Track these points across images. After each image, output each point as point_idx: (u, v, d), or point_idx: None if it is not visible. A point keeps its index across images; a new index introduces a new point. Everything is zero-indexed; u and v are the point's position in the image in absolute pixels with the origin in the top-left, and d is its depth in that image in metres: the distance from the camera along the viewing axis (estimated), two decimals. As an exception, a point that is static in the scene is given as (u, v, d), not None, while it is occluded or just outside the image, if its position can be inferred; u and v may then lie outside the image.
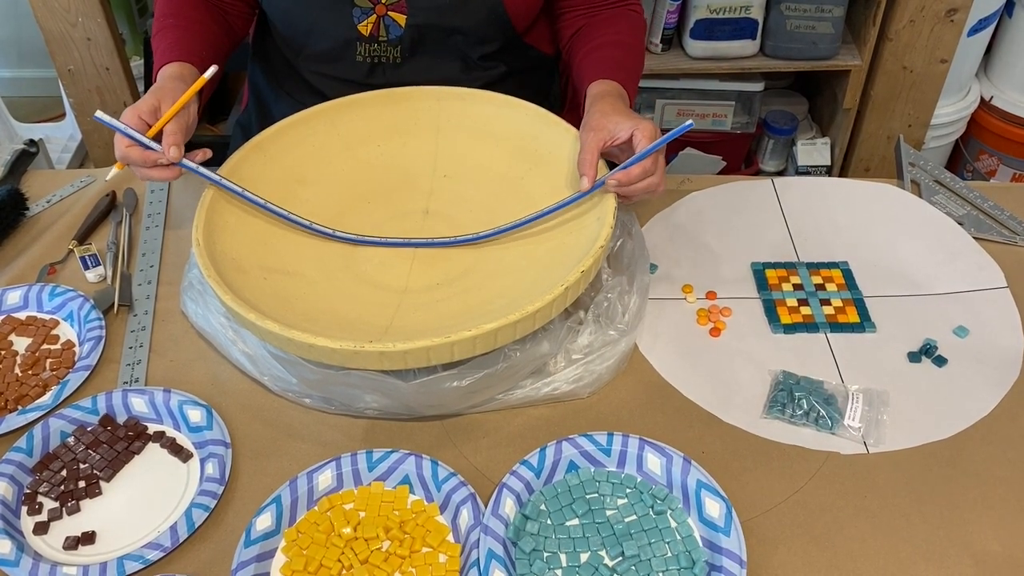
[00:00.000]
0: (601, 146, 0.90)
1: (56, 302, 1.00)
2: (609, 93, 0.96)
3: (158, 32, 1.01)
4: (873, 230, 1.08)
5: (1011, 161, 2.04)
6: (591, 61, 1.03)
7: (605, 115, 0.91)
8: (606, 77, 0.99)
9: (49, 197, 1.16)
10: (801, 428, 0.86)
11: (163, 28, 1.01)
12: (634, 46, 1.07)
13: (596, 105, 0.94)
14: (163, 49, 0.98)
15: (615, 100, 0.95)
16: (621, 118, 0.90)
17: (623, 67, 1.02)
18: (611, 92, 0.96)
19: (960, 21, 1.67)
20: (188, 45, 0.99)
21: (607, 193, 0.89)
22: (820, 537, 0.78)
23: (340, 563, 0.75)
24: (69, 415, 0.87)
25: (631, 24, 1.08)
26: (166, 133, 0.88)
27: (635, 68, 1.06)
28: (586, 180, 0.89)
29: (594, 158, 0.90)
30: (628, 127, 0.89)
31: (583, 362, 0.89)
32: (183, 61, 0.96)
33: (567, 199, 0.91)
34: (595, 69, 1.01)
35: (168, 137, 0.88)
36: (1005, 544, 0.77)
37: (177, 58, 0.96)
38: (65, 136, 2.07)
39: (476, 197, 1.00)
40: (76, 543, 0.78)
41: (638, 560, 0.75)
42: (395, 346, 0.76)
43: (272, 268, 0.91)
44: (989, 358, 0.92)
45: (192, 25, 1.02)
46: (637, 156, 0.86)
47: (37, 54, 2.37)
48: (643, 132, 0.87)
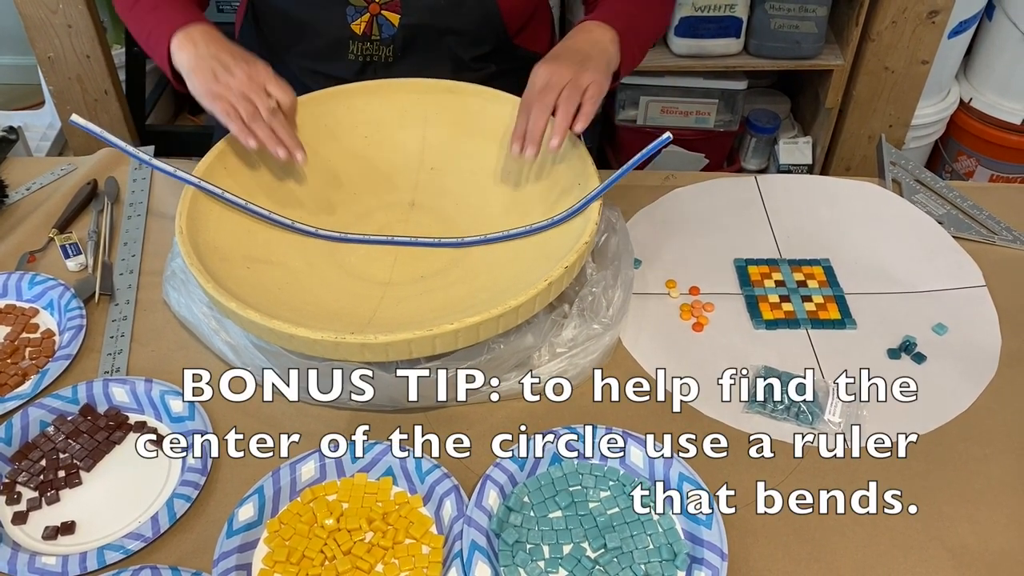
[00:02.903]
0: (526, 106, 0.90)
1: (36, 291, 0.99)
2: (573, 35, 0.94)
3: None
4: (855, 228, 1.09)
5: (988, 162, 2.07)
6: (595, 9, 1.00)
7: (541, 63, 0.91)
8: (594, 18, 0.96)
9: (29, 185, 1.15)
10: (782, 422, 0.87)
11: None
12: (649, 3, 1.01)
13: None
14: (174, 14, 0.95)
15: (568, 42, 0.93)
16: (543, 65, 0.90)
17: (621, 13, 0.97)
18: (577, 33, 0.94)
19: (941, 23, 1.68)
20: (187, 6, 0.97)
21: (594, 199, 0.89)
22: (800, 530, 0.78)
23: (323, 554, 0.75)
24: (49, 404, 0.87)
25: None
26: (288, 134, 0.91)
27: (640, 17, 0.99)
28: (515, 147, 0.90)
29: (521, 122, 0.90)
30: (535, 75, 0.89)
31: (567, 355, 0.89)
32: (199, 22, 0.95)
33: (557, 217, 0.91)
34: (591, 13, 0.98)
35: (292, 140, 0.91)
36: (981, 537, 0.78)
37: (196, 19, 0.94)
38: (44, 124, 2.05)
39: (462, 190, 1.00)
40: (56, 533, 0.78)
41: (620, 552, 0.75)
42: (376, 338, 0.76)
43: (255, 258, 0.90)
44: (967, 355, 0.94)
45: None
46: (623, 169, 0.88)
47: (15, 41, 2.34)
48: (535, 75, 0.89)
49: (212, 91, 0.90)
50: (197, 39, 0.93)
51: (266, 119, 0.90)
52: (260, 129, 0.89)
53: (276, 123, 0.90)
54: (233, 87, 0.90)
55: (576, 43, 0.93)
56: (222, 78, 0.90)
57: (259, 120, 0.89)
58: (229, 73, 0.90)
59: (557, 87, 0.88)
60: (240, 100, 0.89)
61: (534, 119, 0.88)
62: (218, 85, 0.90)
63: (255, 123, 0.89)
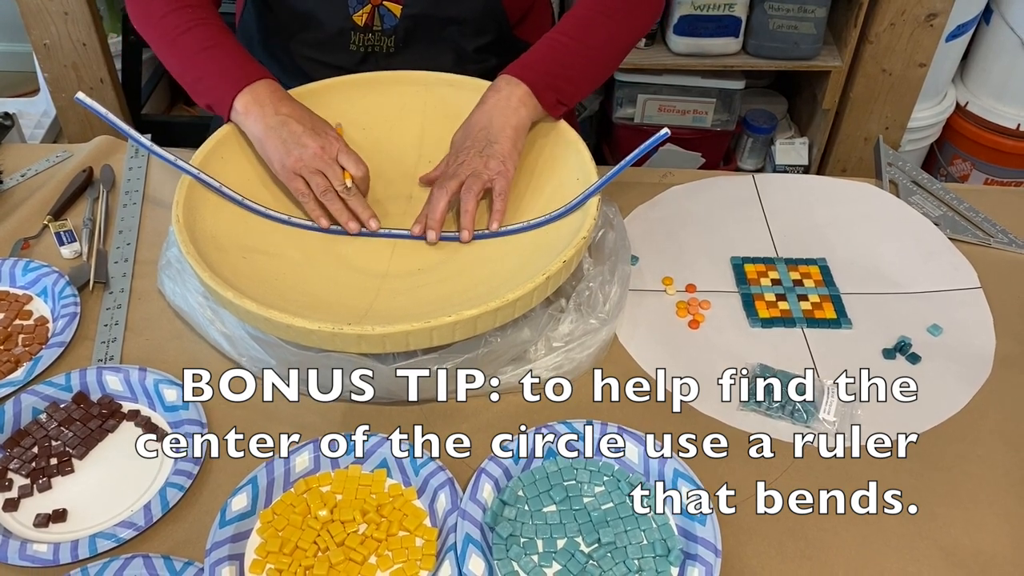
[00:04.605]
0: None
1: (30, 277, 0.98)
2: (485, 98, 0.93)
3: (191, 29, 0.94)
4: (851, 228, 1.09)
5: (983, 166, 2.08)
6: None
7: (462, 132, 0.93)
8: (509, 71, 0.93)
9: (24, 171, 1.14)
10: (777, 420, 0.87)
11: (200, 25, 0.94)
12: (584, 47, 0.94)
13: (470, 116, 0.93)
14: (229, 62, 0.93)
15: (478, 114, 0.92)
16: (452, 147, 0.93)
17: (540, 60, 0.94)
18: (489, 96, 0.93)
19: (939, 26, 1.69)
20: (243, 54, 0.95)
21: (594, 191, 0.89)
22: (794, 528, 0.78)
23: (316, 545, 0.75)
24: (42, 391, 0.86)
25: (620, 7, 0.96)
26: (362, 206, 0.93)
27: (571, 71, 0.94)
28: (416, 228, 0.93)
29: (425, 207, 0.92)
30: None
31: (563, 350, 0.89)
32: (264, 78, 0.93)
33: (555, 212, 0.91)
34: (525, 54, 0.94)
35: (365, 211, 0.93)
36: (973, 538, 0.78)
37: (259, 74, 0.93)
38: (38, 112, 2.03)
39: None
40: (47, 520, 0.77)
41: (614, 547, 0.75)
42: (374, 329, 0.76)
43: (252, 248, 0.90)
44: (961, 357, 0.94)
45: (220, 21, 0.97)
46: (621, 165, 0.89)
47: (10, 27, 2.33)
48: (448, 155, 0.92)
49: (286, 166, 0.90)
50: (264, 100, 0.91)
51: (340, 194, 0.91)
52: (332, 203, 0.91)
53: (350, 197, 0.92)
54: (306, 160, 0.90)
55: (484, 117, 0.92)
56: (294, 152, 0.90)
57: (331, 194, 0.91)
58: (301, 146, 0.90)
59: (460, 179, 0.90)
60: (313, 176, 0.90)
61: (433, 206, 0.90)
62: (291, 159, 0.90)
63: (327, 197, 0.90)
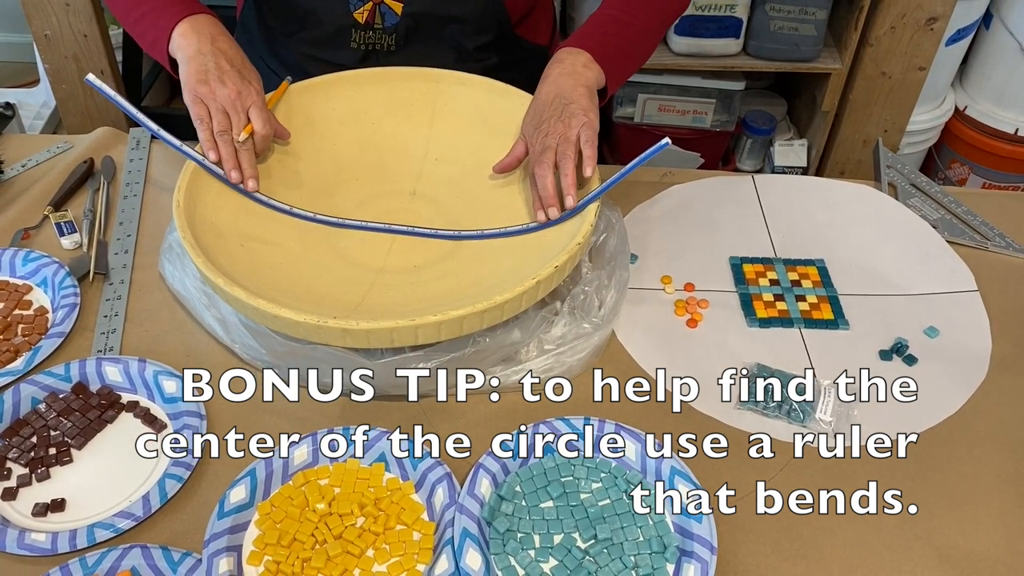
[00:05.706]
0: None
1: (30, 267, 0.98)
2: (549, 72, 0.93)
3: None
4: (850, 230, 1.09)
5: (981, 171, 2.08)
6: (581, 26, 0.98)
7: (528, 123, 0.92)
8: (566, 44, 0.95)
9: (24, 161, 1.14)
10: (774, 420, 0.88)
11: None
12: (634, 22, 0.98)
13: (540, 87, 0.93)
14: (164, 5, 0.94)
15: (545, 88, 0.92)
16: (530, 127, 0.92)
17: (592, 33, 0.96)
18: (552, 69, 0.93)
19: (939, 30, 1.69)
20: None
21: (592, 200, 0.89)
22: (789, 527, 0.79)
23: (314, 538, 0.75)
24: (41, 381, 0.86)
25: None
26: (249, 163, 0.91)
27: (619, 32, 0.97)
28: (540, 215, 0.91)
29: (534, 191, 0.91)
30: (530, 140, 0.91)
31: (554, 353, 0.89)
32: (207, 14, 0.93)
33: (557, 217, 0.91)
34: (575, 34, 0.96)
35: (251, 169, 0.91)
36: (968, 538, 0.79)
37: (203, 10, 0.93)
38: (38, 103, 2.03)
39: (465, 183, 1.00)
40: (45, 510, 0.77)
41: (610, 543, 0.75)
42: (358, 324, 0.76)
43: (251, 236, 0.90)
44: (957, 359, 0.94)
45: None
46: (620, 174, 0.89)
47: (11, 18, 2.33)
48: (529, 139, 0.91)
49: (196, 91, 0.90)
50: (203, 31, 0.92)
51: (234, 140, 0.90)
52: (224, 146, 0.90)
53: (242, 149, 0.91)
54: (218, 97, 0.90)
55: (553, 86, 0.92)
56: (212, 83, 0.90)
57: (226, 137, 0.90)
58: (220, 82, 0.90)
59: (552, 148, 0.89)
60: (218, 112, 0.90)
61: (541, 184, 0.89)
62: (204, 88, 0.90)
63: (222, 138, 0.90)
